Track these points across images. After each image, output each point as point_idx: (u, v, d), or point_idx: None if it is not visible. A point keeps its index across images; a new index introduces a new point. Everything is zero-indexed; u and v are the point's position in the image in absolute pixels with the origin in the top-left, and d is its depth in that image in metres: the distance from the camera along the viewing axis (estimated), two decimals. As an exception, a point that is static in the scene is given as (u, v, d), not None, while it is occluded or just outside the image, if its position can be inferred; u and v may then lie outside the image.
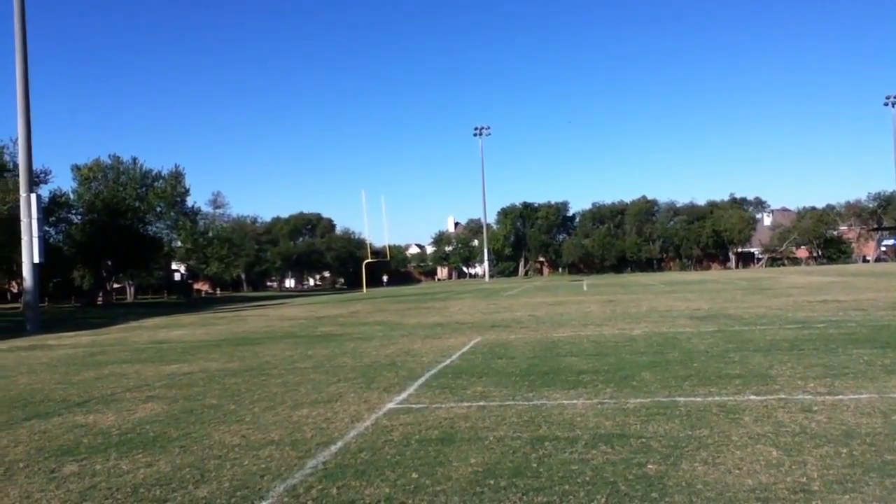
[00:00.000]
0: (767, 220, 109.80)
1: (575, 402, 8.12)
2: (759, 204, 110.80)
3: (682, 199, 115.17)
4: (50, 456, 6.79)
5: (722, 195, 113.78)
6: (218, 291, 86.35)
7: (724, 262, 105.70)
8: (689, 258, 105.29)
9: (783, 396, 7.90)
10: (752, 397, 7.93)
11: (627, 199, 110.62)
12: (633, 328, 16.32)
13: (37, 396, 10.57)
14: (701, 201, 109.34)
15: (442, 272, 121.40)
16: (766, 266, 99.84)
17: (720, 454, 5.80)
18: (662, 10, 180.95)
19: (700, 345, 12.73)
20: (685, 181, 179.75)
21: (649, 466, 5.55)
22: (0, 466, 6.50)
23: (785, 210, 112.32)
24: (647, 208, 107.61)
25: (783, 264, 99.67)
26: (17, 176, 33.94)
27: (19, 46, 29.55)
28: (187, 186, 62.64)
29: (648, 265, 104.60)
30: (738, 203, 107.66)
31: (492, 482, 5.34)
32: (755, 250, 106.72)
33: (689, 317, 18.78)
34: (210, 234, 73.13)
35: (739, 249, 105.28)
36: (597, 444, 6.26)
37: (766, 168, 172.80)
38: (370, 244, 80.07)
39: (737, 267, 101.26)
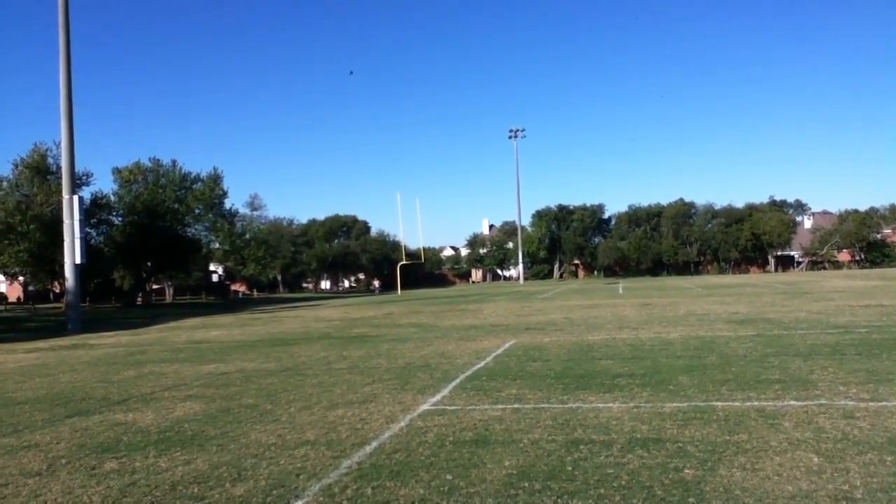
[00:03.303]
0: (808, 223, 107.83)
1: (610, 405, 8.06)
2: (800, 206, 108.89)
3: (720, 202, 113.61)
4: (91, 453, 6.92)
5: (761, 197, 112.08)
6: (254, 292, 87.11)
7: (763, 265, 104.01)
8: (727, 261, 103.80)
9: (824, 402, 7.75)
10: (792, 402, 7.80)
11: (664, 201, 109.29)
12: (669, 332, 16.15)
13: (78, 394, 10.78)
14: (739, 204, 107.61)
15: (476, 274, 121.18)
16: (806, 270, 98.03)
17: (759, 460, 5.71)
18: (698, 11, 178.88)
19: (738, 349, 12.56)
20: (723, 183, 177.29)
21: (686, 471, 5.48)
22: (43, 462, 6.64)
23: (826, 213, 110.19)
24: (684, 211, 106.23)
25: (824, 268, 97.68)
26: (60, 178, 34.66)
27: (63, 51, 30.18)
28: (225, 189, 63.18)
29: (685, 268, 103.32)
30: (777, 206, 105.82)
31: (526, 485, 5.32)
32: (795, 254, 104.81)
33: (728, 321, 18.53)
34: (247, 236, 73.86)
35: (779, 253, 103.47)
36: (633, 448, 6.21)
37: (806, 170, 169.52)
38: (405, 246, 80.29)
39: (776, 270, 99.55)
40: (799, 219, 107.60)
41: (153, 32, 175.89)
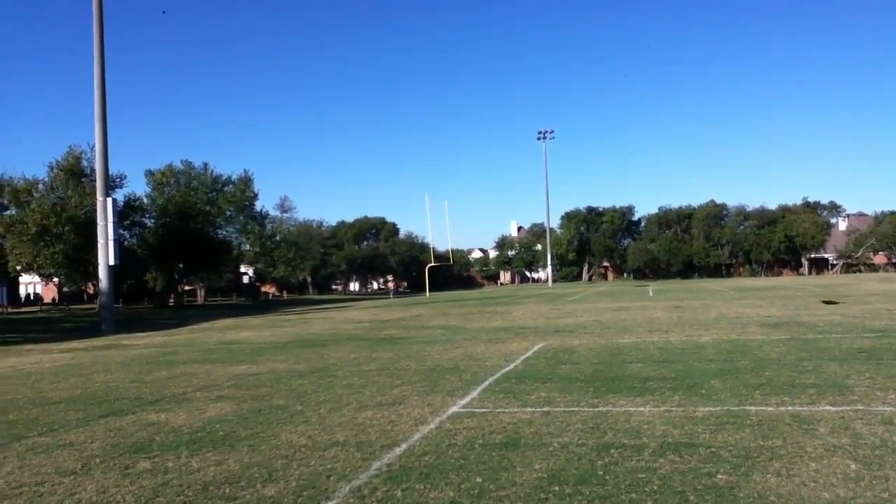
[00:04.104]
0: (843, 225, 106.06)
1: (642, 409, 7.98)
2: (834, 208, 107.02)
3: (752, 203, 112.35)
4: (124, 452, 7.01)
5: (794, 199, 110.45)
6: (284, 294, 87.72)
7: (796, 268, 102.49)
8: (759, 264, 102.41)
9: (861, 408, 7.61)
10: (828, 408, 7.67)
11: (695, 203, 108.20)
12: (701, 335, 15.98)
13: (112, 394, 10.93)
14: (772, 205, 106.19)
15: (505, 277, 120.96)
16: (840, 272, 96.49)
17: (794, 466, 5.62)
18: (729, 10, 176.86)
19: (772, 353, 12.39)
20: (756, 184, 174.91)
21: (719, 476, 5.41)
22: (78, 461, 6.73)
23: (861, 214, 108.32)
24: (715, 212, 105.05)
25: (859, 271, 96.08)
26: (94, 181, 35.18)
27: (97, 56, 30.66)
28: (256, 191, 63.98)
29: (717, 271, 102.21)
30: (811, 207, 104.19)
31: (556, 489, 5.28)
32: (829, 256, 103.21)
33: (760, 324, 18.29)
34: (277, 238, 74.54)
35: (813, 255, 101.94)
36: (664, 452, 6.14)
37: (841, 171, 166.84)
38: (433, 248, 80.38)
39: (810, 273, 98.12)
40: (833, 220, 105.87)
41: (184, 37, 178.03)
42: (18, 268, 49.66)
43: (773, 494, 4.98)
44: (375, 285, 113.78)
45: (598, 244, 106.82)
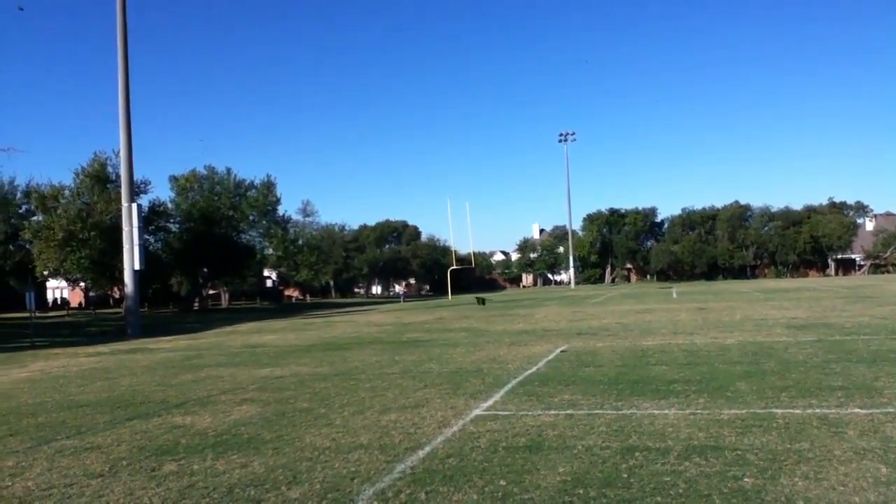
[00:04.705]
0: (870, 226, 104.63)
1: (666, 412, 7.92)
2: (861, 208, 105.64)
3: (777, 204, 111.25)
4: (150, 455, 7.07)
5: (820, 199, 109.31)
6: (307, 298, 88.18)
7: (822, 269, 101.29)
8: (784, 265, 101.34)
9: (891, 410, 7.50)
10: (857, 410, 7.56)
11: (719, 204, 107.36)
12: (726, 337, 15.84)
13: (138, 397, 11.03)
14: (797, 206, 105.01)
15: (527, 279, 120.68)
16: (868, 273, 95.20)
17: (822, 469, 5.55)
18: (749, 11, 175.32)
19: (798, 355, 12.24)
20: (780, 185, 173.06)
21: (746, 480, 5.35)
22: (105, 464, 6.81)
23: (889, 215, 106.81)
24: (739, 213, 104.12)
25: (887, 272, 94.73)
26: (120, 187, 35.57)
27: (121, 64, 31.02)
28: (278, 195, 64.34)
29: (741, 272, 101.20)
30: (837, 207, 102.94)
31: (581, 492, 5.26)
32: (856, 257, 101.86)
33: (786, 326, 18.10)
34: (300, 242, 74.84)
35: (839, 256, 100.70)
36: (690, 455, 6.09)
37: (868, 170, 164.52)
38: (455, 251, 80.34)
39: (836, 274, 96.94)
40: (860, 221, 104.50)
41: (207, 42, 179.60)
42: (45, 273, 50.26)
43: (801, 498, 4.92)
44: (398, 288, 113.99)
45: (621, 246, 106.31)
